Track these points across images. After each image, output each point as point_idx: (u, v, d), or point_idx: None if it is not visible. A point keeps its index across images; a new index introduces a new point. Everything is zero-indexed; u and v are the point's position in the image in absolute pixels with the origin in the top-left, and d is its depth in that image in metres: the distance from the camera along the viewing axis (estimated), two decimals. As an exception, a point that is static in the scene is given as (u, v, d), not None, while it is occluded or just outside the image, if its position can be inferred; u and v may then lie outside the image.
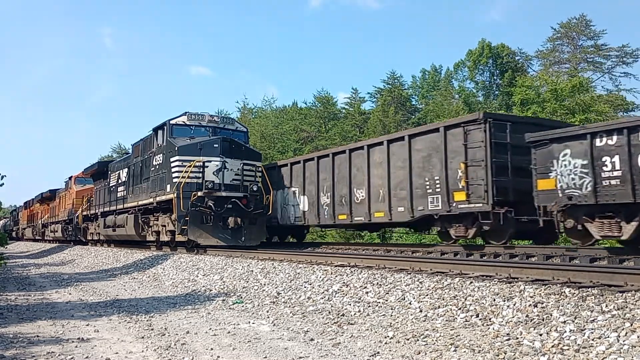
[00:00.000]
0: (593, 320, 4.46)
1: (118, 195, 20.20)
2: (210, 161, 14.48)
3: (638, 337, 3.99)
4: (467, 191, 10.32)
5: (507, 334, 4.64)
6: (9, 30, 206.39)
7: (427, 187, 11.34)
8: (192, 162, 14.26)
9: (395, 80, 39.75)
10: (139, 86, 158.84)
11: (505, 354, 4.19)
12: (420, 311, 5.78)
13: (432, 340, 4.80)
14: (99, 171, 24.15)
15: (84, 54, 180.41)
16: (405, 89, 40.55)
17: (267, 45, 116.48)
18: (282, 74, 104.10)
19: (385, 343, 4.85)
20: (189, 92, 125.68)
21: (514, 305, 5.21)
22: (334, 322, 5.83)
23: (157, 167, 16.10)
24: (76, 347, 5.06)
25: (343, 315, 6.19)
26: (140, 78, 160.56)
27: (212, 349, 4.91)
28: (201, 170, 14.28)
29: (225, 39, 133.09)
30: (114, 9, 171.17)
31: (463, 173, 10.39)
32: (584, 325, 4.40)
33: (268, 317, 6.44)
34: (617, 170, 8.12)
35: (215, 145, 14.66)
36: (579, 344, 4.11)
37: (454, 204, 10.68)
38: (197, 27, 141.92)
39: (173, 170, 14.72)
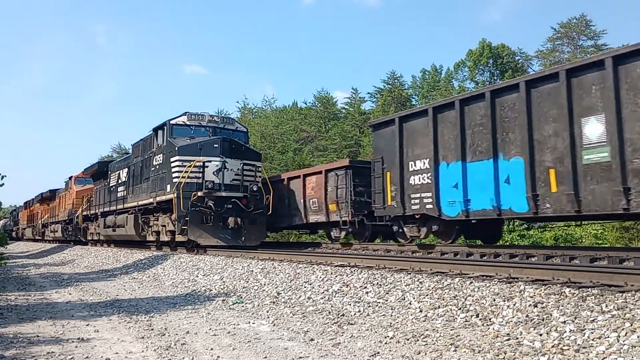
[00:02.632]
0: (593, 320, 4.46)
1: (118, 195, 20.21)
2: (210, 161, 14.48)
3: (638, 337, 3.99)
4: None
5: (507, 334, 4.64)
6: (9, 30, 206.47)
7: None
8: (192, 162, 14.27)
9: (396, 80, 39.79)
10: (136, 85, 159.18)
11: (505, 354, 4.19)
12: (420, 311, 5.78)
13: (432, 340, 4.80)
14: (99, 171, 24.16)
15: (80, 53, 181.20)
16: (405, 89, 40.58)
17: (262, 44, 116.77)
18: (278, 72, 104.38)
19: (385, 343, 4.85)
20: (184, 91, 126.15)
21: (514, 305, 5.21)
22: (334, 322, 5.83)
23: (157, 167, 16.10)
24: (76, 347, 5.06)
25: (343, 315, 6.19)
26: (137, 77, 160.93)
27: (212, 349, 4.91)
28: (201, 170, 14.28)
29: (218, 37, 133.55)
30: (106, 6, 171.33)
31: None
32: (584, 325, 4.40)
33: (268, 317, 6.44)
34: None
35: (215, 145, 14.66)
36: (579, 344, 4.11)
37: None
38: (190, 25, 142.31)
39: (173, 170, 14.72)
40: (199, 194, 14.10)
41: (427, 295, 6.20)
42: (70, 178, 29.34)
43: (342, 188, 14.18)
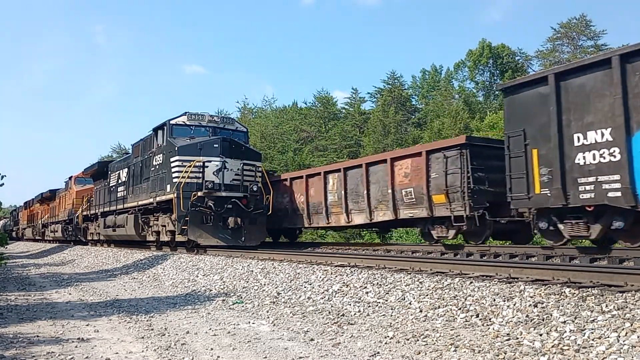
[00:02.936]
0: (593, 320, 4.46)
1: (118, 195, 20.20)
2: (210, 161, 14.48)
3: (638, 337, 3.99)
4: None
5: (507, 334, 4.64)
6: (9, 30, 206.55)
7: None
8: (192, 162, 14.27)
9: (396, 80, 39.81)
10: (136, 85, 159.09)
11: (505, 354, 4.19)
12: (420, 311, 5.78)
13: (432, 340, 4.80)
14: (99, 171, 24.16)
15: (79, 53, 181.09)
16: (405, 89, 40.61)
17: (262, 44, 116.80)
18: (278, 72, 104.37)
19: (385, 343, 4.85)
20: (184, 91, 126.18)
21: (514, 305, 5.21)
22: (334, 322, 5.83)
23: (157, 167, 16.10)
24: (76, 347, 5.06)
25: (343, 315, 6.19)
26: (137, 77, 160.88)
27: (212, 349, 4.91)
28: (201, 170, 14.28)
29: (218, 37, 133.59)
30: (104, 5, 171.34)
31: None
32: (584, 325, 4.40)
33: (268, 317, 6.44)
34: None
35: (215, 145, 14.66)
36: (579, 344, 4.11)
37: None
38: (189, 25, 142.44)
39: (173, 170, 14.72)
40: (199, 194, 14.10)
41: (427, 295, 6.20)
42: (70, 178, 29.33)
43: (454, 173, 11.07)
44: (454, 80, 39.85)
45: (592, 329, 4.29)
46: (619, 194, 7.89)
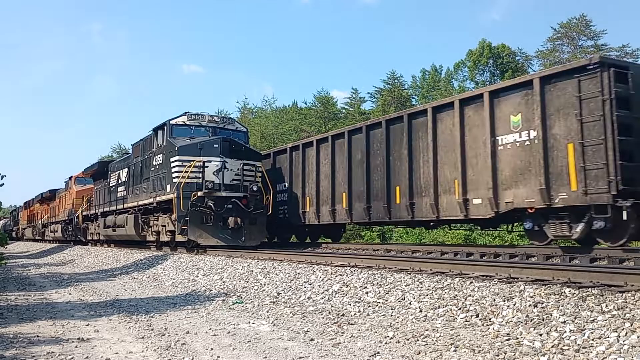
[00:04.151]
0: (593, 320, 4.46)
1: (118, 195, 20.21)
2: (210, 161, 14.48)
3: (638, 337, 3.99)
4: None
5: (507, 334, 4.64)
6: (8, 30, 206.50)
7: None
8: (192, 162, 14.27)
9: (396, 80, 39.80)
10: (135, 85, 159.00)
11: (505, 354, 4.18)
12: (420, 311, 5.78)
13: (432, 340, 4.80)
14: (99, 171, 24.17)
15: (78, 52, 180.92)
16: (405, 89, 40.58)
17: (260, 43, 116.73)
18: (277, 72, 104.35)
19: (385, 343, 4.85)
20: (183, 90, 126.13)
21: (514, 305, 5.21)
22: (334, 322, 5.83)
23: (157, 167, 16.10)
24: (76, 347, 5.06)
25: (343, 315, 6.19)
26: (136, 76, 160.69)
27: (212, 349, 4.91)
28: (201, 170, 14.28)
29: (216, 37, 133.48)
30: (101, 4, 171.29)
31: None
32: (584, 325, 4.40)
33: (268, 317, 6.44)
34: None
35: (215, 145, 14.66)
36: (579, 344, 4.11)
37: None
38: (187, 24, 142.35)
39: (173, 170, 14.72)
40: (199, 194, 14.10)
41: (427, 295, 6.20)
42: (70, 178, 29.35)
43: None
44: (454, 80, 39.80)
45: (592, 329, 4.29)
46: None
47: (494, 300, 5.47)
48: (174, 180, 14.49)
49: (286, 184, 16.87)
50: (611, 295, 4.91)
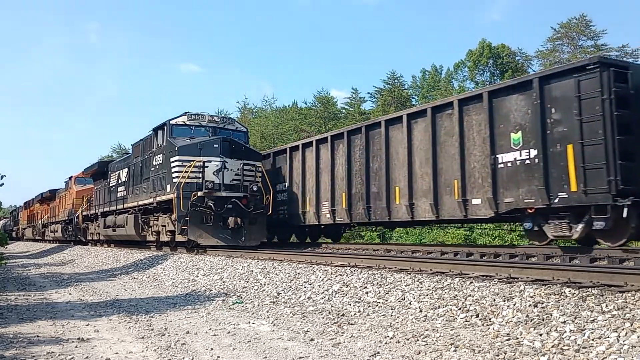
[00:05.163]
0: (593, 320, 4.46)
1: (118, 195, 20.21)
2: (210, 161, 14.48)
3: (638, 337, 3.99)
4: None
5: (507, 334, 4.64)
6: (9, 30, 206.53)
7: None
8: (192, 162, 14.27)
9: (396, 80, 39.81)
10: (134, 85, 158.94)
11: (505, 354, 4.18)
12: (420, 311, 5.78)
13: (432, 340, 4.80)
14: (99, 171, 24.18)
15: (77, 52, 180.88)
16: (405, 89, 40.59)
17: (258, 43, 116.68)
18: (276, 72, 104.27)
19: (385, 343, 4.85)
20: (182, 90, 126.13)
21: (514, 305, 5.21)
22: (334, 322, 5.83)
23: (157, 167, 16.10)
24: (76, 347, 5.06)
25: (343, 315, 6.19)
26: (134, 76, 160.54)
27: (212, 349, 4.91)
28: (201, 170, 14.28)
29: (213, 36, 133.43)
30: (98, 3, 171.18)
31: None
32: (584, 325, 4.40)
33: (268, 317, 6.44)
34: None
35: (215, 145, 14.67)
36: (579, 344, 4.11)
37: None
38: (184, 24, 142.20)
39: (173, 170, 14.72)
40: (199, 194, 14.10)
41: (427, 295, 6.20)
42: (70, 178, 29.35)
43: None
44: (454, 80, 39.81)
45: (592, 329, 4.29)
46: None
47: (494, 300, 5.47)
48: (174, 180, 14.49)
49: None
50: (611, 295, 4.90)
